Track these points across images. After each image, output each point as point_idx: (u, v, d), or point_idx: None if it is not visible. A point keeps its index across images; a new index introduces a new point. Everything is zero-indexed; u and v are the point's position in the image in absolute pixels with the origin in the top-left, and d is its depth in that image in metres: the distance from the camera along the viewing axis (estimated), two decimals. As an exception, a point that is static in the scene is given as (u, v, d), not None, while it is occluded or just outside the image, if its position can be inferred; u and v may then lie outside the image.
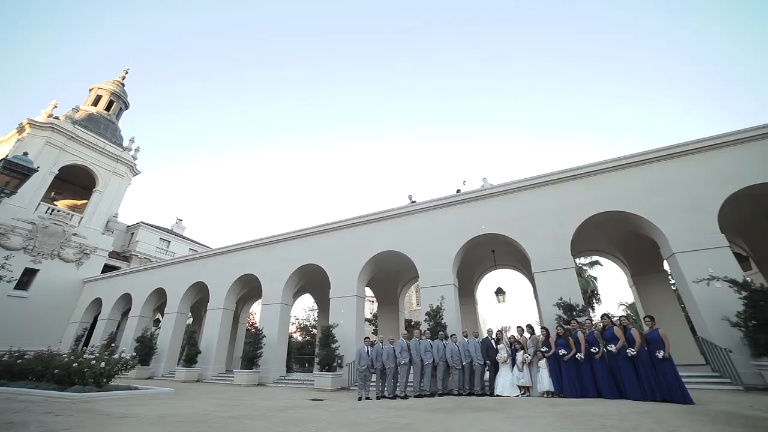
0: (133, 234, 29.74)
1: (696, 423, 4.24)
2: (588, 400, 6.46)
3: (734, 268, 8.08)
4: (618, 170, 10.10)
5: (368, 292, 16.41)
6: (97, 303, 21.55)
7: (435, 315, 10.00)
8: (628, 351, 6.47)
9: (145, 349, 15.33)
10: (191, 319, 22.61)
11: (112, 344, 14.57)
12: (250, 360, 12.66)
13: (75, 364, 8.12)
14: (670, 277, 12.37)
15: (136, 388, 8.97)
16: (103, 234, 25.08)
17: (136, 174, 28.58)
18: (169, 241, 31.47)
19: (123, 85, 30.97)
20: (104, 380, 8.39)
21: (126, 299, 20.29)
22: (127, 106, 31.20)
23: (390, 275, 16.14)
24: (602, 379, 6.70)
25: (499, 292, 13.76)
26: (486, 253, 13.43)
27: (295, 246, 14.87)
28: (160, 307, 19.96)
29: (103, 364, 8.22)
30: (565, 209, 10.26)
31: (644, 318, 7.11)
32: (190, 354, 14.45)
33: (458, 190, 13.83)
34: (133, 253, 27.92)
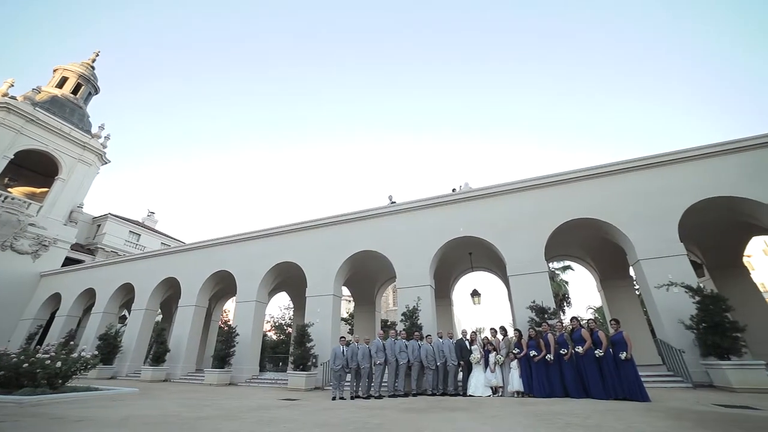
0: (99, 226, 28.13)
1: (652, 419, 4.54)
2: (556, 399, 6.72)
3: (690, 274, 8.63)
4: (591, 179, 10.55)
5: (345, 291, 16.32)
6: (56, 298, 20.24)
7: (411, 315, 10.08)
8: (596, 352, 6.78)
9: (109, 347, 14.59)
10: (161, 316, 21.67)
11: (71, 342, 13.71)
12: (222, 359, 12.31)
13: (25, 365, 7.43)
14: (635, 283, 13.07)
15: (97, 389, 8.48)
16: (65, 225, 23.59)
17: (106, 163, 27.09)
18: (140, 235, 30.03)
19: (93, 68, 29.23)
20: (59, 381, 7.80)
21: (89, 294, 19.17)
22: (97, 91, 29.50)
23: (367, 275, 16.13)
24: (570, 379, 6.98)
25: (475, 294, 14.04)
26: (463, 256, 13.68)
27: (272, 243, 14.58)
28: (127, 303, 19.01)
29: (59, 364, 7.62)
30: (541, 215, 10.61)
31: (610, 321, 7.48)
32: (158, 352, 13.85)
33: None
34: (99, 246, 26.44)
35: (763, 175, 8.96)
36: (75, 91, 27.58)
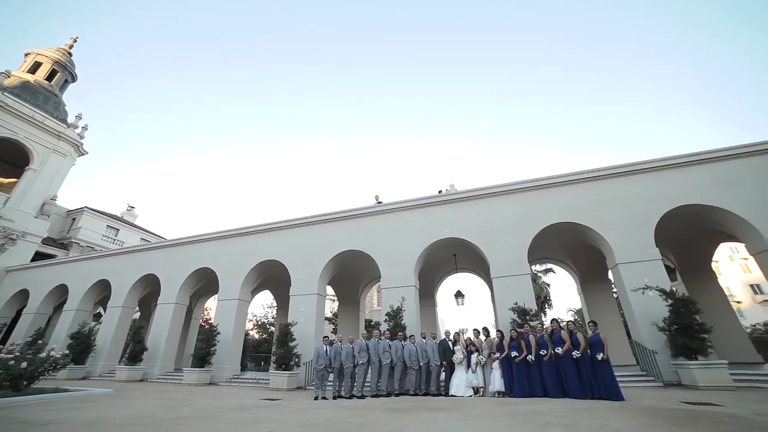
0: (74, 220, 26.97)
1: (625, 417, 4.72)
2: (535, 399, 6.86)
3: (664, 278, 9.00)
4: (574, 184, 10.84)
5: (329, 290, 16.22)
6: (23, 295, 19.25)
7: (395, 316, 10.11)
8: (573, 353, 6.96)
9: (82, 346, 13.97)
10: (138, 313, 20.96)
11: (39, 341, 13.07)
12: (202, 358, 12.02)
13: None
14: (613, 286, 13.51)
15: (66, 390, 8.11)
16: (36, 218, 22.47)
17: (83, 154, 25.97)
18: (118, 230, 28.97)
19: (70, 54, 27.94)
20: (24, 383, 7.37)
21: (61, 291, 18.35)
22: (74, 79, 28.23)
23: (352, 274, 16.07)
24: (549, 379, 7.15)
25: (459, 295, 14.17)
26: (448, 257, 13.82)
27: (256, 241, 14.35)
28: (103, 301, 18.29)
29: (24, 365, 7.20)
30: (525, 218, 10.83)
31: (588, 323, 7.71)
32: (134, 351, 13.41)
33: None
34: (73, 240, 25.35)
35: (730, 185, 9.44)
36: (49, 78, 26.30)
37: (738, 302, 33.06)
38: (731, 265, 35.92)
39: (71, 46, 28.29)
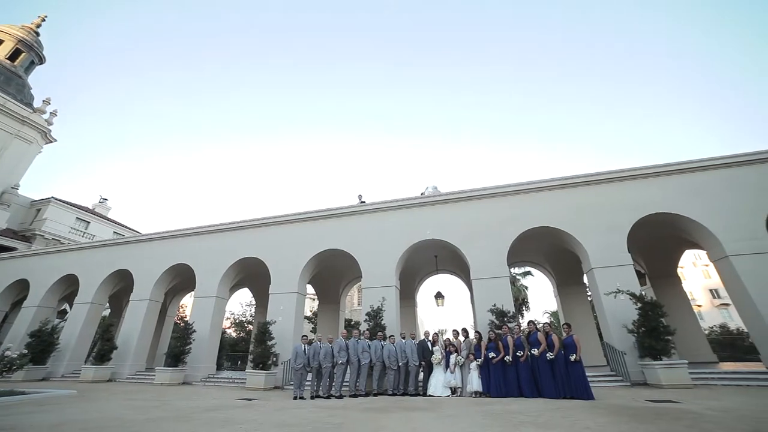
0: (39, 210, 25.38)
1: (595, 415, 4.92)
2: (511, 399, 7.02)
3: (634, 283, 9.41)
4: (553, 189, 11.17)
5: (309, 289, 16.06)
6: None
7: (375, 315, 10.12)
8: (547, 355, 7.17)
9: (42, 344, 13.20)
10: (108, 310, 20.01)
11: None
12: (176, 357, 11.65)
13: None
14: (587, 289, 14.03)
15: (22, 393, 7.62)
16: (-5, 207, 21.07)
17: (50, 141, 24.56)
18: (89, 222, 27.49)
19: (37, 34, 26.26)
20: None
21: (20, 286, 17.28)
22: (41, 61, 26.60)
23: (333, 274, 15.96)
24: (525, 380, 7.33)
25: (439, 296, 14.33)
26: (429, 258, 13.95)
27: (236, 237, 14.02)
28: (69, 297, 17.35)
29: (-27, 366, 6.75)
30: (505, 221, 11.07)
31: (563, 325, 7.96)
32: (102, 350, 12.78)
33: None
34: (37, 232, 23.83)
35: (696, 195, 9.99)
36: (12, 58, 24.61)
37: (698, 306, 35.06)
38: (694, 271, 38.05)
39: (38, 25, 26.60)
